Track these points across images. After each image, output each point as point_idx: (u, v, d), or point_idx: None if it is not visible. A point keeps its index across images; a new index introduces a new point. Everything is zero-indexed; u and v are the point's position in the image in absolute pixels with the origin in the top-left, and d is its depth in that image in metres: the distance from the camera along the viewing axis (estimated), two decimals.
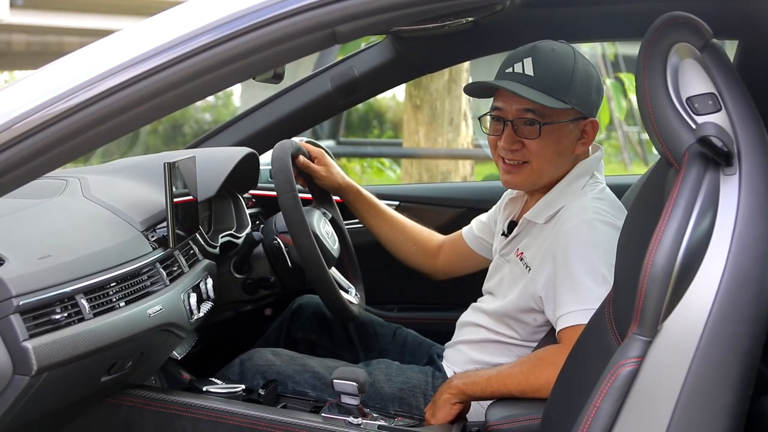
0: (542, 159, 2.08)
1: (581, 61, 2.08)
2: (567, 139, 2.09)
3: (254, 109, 2.78)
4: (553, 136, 2.07)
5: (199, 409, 1.93)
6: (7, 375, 1.50)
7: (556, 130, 2.07)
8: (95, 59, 1.37)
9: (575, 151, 2.10)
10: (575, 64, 2.06)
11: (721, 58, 1.37)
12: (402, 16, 1.39)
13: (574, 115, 2.07)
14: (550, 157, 2.08)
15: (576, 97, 2.05)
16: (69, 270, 1.65)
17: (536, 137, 2.06)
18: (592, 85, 2.08)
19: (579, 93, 2.05)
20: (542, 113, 2.05)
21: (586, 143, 2.11)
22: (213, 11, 1.36)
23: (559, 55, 2.06)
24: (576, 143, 2.10)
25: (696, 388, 1.29)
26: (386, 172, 8.08)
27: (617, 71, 7.00)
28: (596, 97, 2.10)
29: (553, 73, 2.04)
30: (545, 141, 2.06)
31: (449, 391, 2.03)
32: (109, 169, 2.31)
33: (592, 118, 2.10)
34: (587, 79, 2.07)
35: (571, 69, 2.05)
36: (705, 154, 1.32)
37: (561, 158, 2.10)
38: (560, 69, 2.05)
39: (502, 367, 2.02)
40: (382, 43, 2.66)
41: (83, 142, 1.35)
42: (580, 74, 2.06)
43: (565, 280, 1.97)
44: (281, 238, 2.37)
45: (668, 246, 1.29)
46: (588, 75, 2.08)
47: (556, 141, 2.07)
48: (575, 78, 2.05)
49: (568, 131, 2.08)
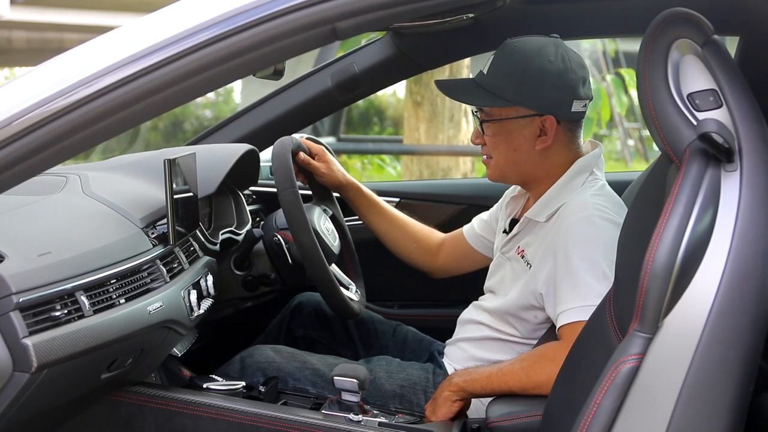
0: (499, 154, 2.13)
1: (543, 58, 2.05)
2: (520, 135, 2.10)
3: (254, 106, 2.78)
4: (502, 133, 2.11)
5: (199, 406, 1.93)
6: (7, 372, 1.50)
7: (505, 127, 2.10)
8: (95, 56, 1.37)
9: (535, 147, 2.10)
10: (531, 61, 2.05)
11: (723, 54, 1.37)
12: (402, 12, 1.39)
13: (523, 113, 2.08)
14: (507, 153, 2.12)
15: (524, 94, 2.05)
16: (69, 267, 1.65)
17: (489, 134, 2.12)
18: (547, 81, 2.05)
19: (529, 90, 2.05)
20: (488, 112, 2.12)
21: (546, 140, 2.10)
22: (213, 7, 1.36)
23: (516, 52, 2.07)
24: (534, 140, 2.10)
25: (697, 384, 1.29)
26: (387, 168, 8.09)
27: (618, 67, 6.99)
28: (555, 93, 2.06)
29: (501, 72, 2.08)
30: (496, 138, 2.12)
31: (450, 388, 2.03)
32: (109, 165, 2.30)
33: (549, 116, 2.08)
34: (541, 76, 2.05)
35: (522, 66, 2.05)
36: (706, 151, 1.32)
37: (521, 154, 2.11)
38: (509, 67, 2.07)
39: (503, 364, 2.02)
40: (382, 39, 2.66)
41: (83, 139, 1.35)
42: (534, 71, 2.05)
43: (565, 276, 1.97)
44: (282, 235, 2.36)
45: (669, 243, 1.29)
46: (544, 71, 2.05)
47: (507, 138, 2.11)
48: (525, 75, 2.05)
49: (518, 128, 2.09)
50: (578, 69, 2.08)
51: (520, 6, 2.33)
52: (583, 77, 2.09)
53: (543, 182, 2.14)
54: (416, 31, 2.50)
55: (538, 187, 2.16)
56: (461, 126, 5.85)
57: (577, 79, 2.07)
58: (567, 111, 2.08)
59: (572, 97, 2.07)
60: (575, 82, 2.07)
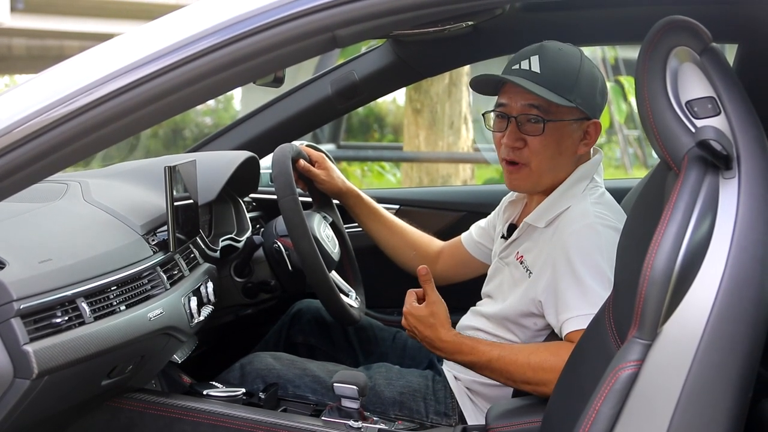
0: (542, 158, 2.08)
1: (587, 62, 2.08)
2: (569, 138, 2.09)
3: (255, 113, 2.79)
4: (556, 135, 2.07)
5: (199, 412, 1.94)
6: (7, 378, 1.51)
7: (560, 128, 2.07)
8: (96, 63, 1.37)
9: (577, 151, 2.10)
10: (581, 64, 2.07)
11: (721, 61, 1.37)
12: (402, 20, 1.39)
13: (578, 115, 2.08)
14: (551, 156, 2.08)
15: (581, 96, 2.05)
16: (70, 273, 1.65)
17: (539, 134, 2.05)
18: (596, 86, 2.09)
19: (584, 93, 2.06)
20: (547, 110, 2.05)
21: (588, 144, 2.11)
22: (213, 15, 1.37)
23: (566, 55, 2.07)
24: (578, 144, 2.10)
25: (696, 391, 1.29)
26: (386, 175, 8.09)
27: (617, 74, 7.00)
28: (600, 99, 2.10)
29: (559, 72, 2.04)
30: (548, 139, 2.06)
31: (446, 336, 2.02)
32: (110, 172, 2.31)
33: (596, 120, 2.10)
34: (592, 81, 2.08)
35: (576, 69, 2.05)
36: (704, 158, 1.33)
37: (562, 158, 2.10)
38: (566, 68, 2.05)
39: (505, 351, 1.97)
40: (382, 46, 2.66)
41: (84, 146, 1.35)
42: (586, 75, 2.07)
43: (570, 284, 1.95)
44: (282, 242, 2.37)
45: (668, 249, 1.29)
46: (593, 76, 2.09)
47: (558, 139, 2.07)
48: (581, 78, 2.05)
49: (571, 131, 2.08)
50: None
51: (519, 14, 2.34)
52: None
53: (551, 188, 2.14)
54: (416, 38, 2.51)
55: (540, 192, 2.16)
56: (461, 133, 5.86)
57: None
58: (600, 116, 2.13)
59: (605, 103, 2.14)
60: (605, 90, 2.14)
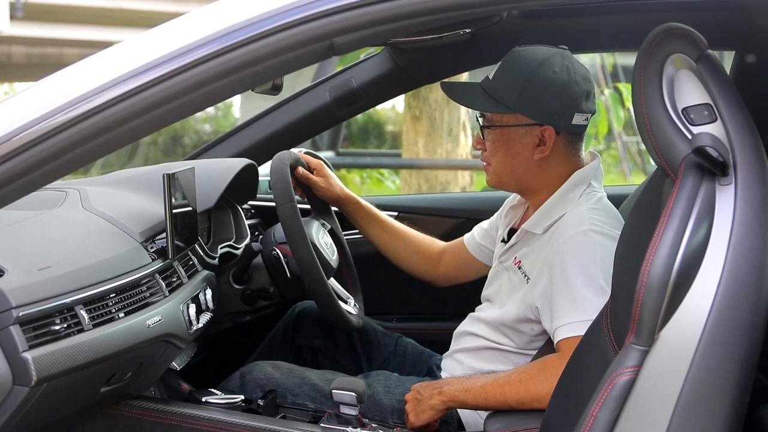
0: (497, 159, 2.14)
1: (546, 67, 2.05)
2: (519, 143, 2.11)
3: (253, 120, 2.79)
4: (502, 140, 2.12)
5: (198, 419, 1.93)
6: (6, 386, 1.51)
7: (505, 134, 2.12)
8: (95, 71, 1.38)
9: (533, 156, 2.11)
10: (535, 70, 2.05)
11: (717, 68, 1.38)
12: (399, 27, 1.40)
13: (523, 121, 2.09)
14: (504, 158, 2.13)
15: (525, 103, 2.06)
16: (68, 281, 1.65)
17: (489, 139, 2.14)
18: (549, 91, 2.05)
19: (531, 99, 2.06)
20: (490, 118, 2.14)
21: (545, 151, 2.10)
22: (212, 23, 1.37)
23: (521, 60, 2.08)
24: (533, 149, 2.11)
25: (693, 396, 1.29)
26: (385, 182, 8.09)
27: (616, 81, 7.01)
28: (556, 104, 2.06)
29: (505, 79, 2.09)
30: (495, 144, 2.13)
31: (440, 397, 2.02)
32: (109, 180, 2.31)
33: (548, 126, 2.09)
34: (545, 86, 2.05)
35: (526, 74, 2.05)
36: (701, 165, 1.33)
37: (517, 161, 2.12)
38: (514, 74, 2.07)
39: (498, 375, 2.00)
40: (380, 54, 2.67)
41: (83, 154, 1.36)
42: (538, 80, 2.05)
43: (563, 291, 1.96)
44: (280, 249, 2.37)
45: (665, 256, 1.29)
46: (548, 82, 2.05)
47: (506, 144, 2.12)
48: (529, 84, 2.05)
49: (518, 135, 2.10)
50: (583, 82, 2.08)
51: (517, 21, 2.35)
52: (587, 91, 2.08)
53: (541, 192, 2.15)
54: (414, 46, 2.52)
55: (537, 197, 2.17)
56: (459, 140, 5.87)
57: (580, 92, 2.07)
58: (567, 123, 2.08)
59: (574, 109, 2.07)
60: (578, 95, 2.07)
